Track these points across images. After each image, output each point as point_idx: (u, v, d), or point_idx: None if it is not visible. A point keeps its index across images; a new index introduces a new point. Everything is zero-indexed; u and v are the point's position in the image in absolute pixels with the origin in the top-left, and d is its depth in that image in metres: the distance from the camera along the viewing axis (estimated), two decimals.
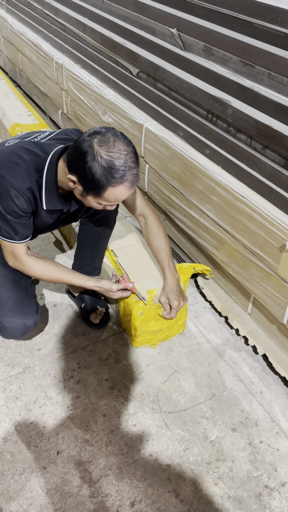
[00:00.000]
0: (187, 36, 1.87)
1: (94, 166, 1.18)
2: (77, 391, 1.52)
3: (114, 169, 1.19)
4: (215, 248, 1.72)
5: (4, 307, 1.47)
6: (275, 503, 1.27)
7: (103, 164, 1.18)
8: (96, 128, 1.24)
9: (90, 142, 1.19)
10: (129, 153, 1.21)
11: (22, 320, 1.48)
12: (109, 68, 2.34)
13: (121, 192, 1.24)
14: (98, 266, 1.78)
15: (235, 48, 1.64)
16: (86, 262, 1.74)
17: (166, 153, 1.85)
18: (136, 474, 1.31)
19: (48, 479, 1.28)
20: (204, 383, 1.59)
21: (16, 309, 1.47)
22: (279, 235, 1.37)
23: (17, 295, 1.48)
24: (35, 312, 1.52)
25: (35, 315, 1.52)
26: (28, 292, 1.53)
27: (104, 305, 1.80)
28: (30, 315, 1.50)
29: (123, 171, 1.20)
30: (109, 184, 1.20)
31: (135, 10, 2.22)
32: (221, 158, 1.65)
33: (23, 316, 1.48)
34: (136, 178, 1.25)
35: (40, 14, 3.20)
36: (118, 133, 1.23)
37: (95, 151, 1.18)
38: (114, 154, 1.18)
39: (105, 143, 1.19)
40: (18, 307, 1.48)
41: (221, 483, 1.30)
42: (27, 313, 1.49)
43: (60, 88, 2.78)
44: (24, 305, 1.49)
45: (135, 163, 1.23)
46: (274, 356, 1.62)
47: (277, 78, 1.49)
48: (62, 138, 1.45)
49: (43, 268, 1.45)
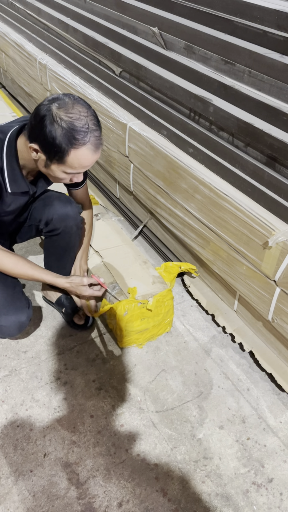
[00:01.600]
0: (169, 35, 1.87)
1: (54, 129, 1.15)
2: (64, 392, 1.52)
3: (75, 130, 1.16)
4: (201, 246, 1.73)
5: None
6: (262, 499, 1.28)
7: (63, 125, 1.15)
8: (55, 94, 1.22)
9: (49, 106, 1.17)
10: (89, 115, 1.19)
11: (16, 316, 1.45)
12: (92, 67, 2.34)
13: (85, 156, 1.21)
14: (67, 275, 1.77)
15: (216, 47, 1.64)
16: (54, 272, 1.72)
17: (150, 152, 1.85)
18: (124, 474, 1.31)
19: (35, 482, 1.27)
20: (191, 381, 1.59)
21: (7, 307, 1.45)
22: (262, 232, 1.38)
23: (6, 293, 1.46)
24: (27, 306, 1.50)
25: (27, 309, 1.50)
26: (16, 289, 1.51)
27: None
28: (23, 310, 1.47)
29: (85, 132, 1.17)
30: (72, 145, 1.17)
31: (117, 9, 2.21)
32: (204, 157, 1.65)
33: (16, 312, 1.45)
34: (99, 141, 1.22)
35: (23, 15, 3.18)
36: (76, 97, 1.21)
37: (54, 114, 1.15)
38: (73, 115, 1.16)
39: (64, 106, 1.16)
40: (9, 304, 1.45)
41: (209, 481, 1.31)
42: (19, 309, 1.46)
43: (44, 88, 2.76)
44: (14, 301, 1.47)
45: (97, 125, 1.20)
46: (260, 352, 1.63)
47: (257, 76, 1.50)
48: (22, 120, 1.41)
49: (13, 262, 1.42)
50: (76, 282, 1.55)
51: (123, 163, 2.10)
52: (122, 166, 2.13)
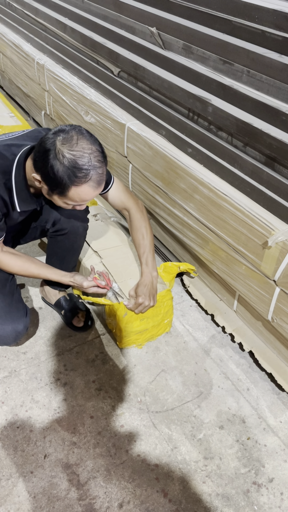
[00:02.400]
0: (167, 35, 1.87)
1: (56, 165, 1.16)
2: (64, 393, 1.52)
3: (76, 168, 1.16)
4: (200, 246, 1.73)
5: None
6: (263, 499, 1.28)
7: (65, 163, 1.16)
8: (62, 126, 1.22)
9: (53, 140, 1.17)
10: (93, 152, 1.18)
11: (12, 325, 1.46)
12: (90, 68, 2.33)
13: (86, 192, 1.22)
14: None
15: (214, 46, 1.64)
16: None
17: (148, 153, 1.84)
18: (124, 475, 1.31)
19: (35, 483, 1.27)
20: (191, 381, 1.59)
21: (5, 316, 1.45)
22: (261, 232, 1.38)
23: (4, 302, 1.47)
24: (24, 315, 1.51)
25: (25, 318, 1.50)
26: (15, 296, 1.52)
27: (84, 307, 1.79)
28: (20, 319, 1.48)
29: (87, 170, 1.17)
30: (72, 183, 1.18)
31: (115, 9, 2.21)
32: (203, 157, 1.65)
33: (13, 321, 1.46)
34: (102, 177, 1.22)
35: (20, 15, 3.17)
36: (83, 131, 1.21)
37: (57, 149, 1.16)
38: (76, 152, 1.16)
39: (68, 141, 1.17)
40: (6, 314, 1.46)
41: (209, 481, 1.31)
42: (16, 318, 1.47)
43: (42, 88, 2.76)
44: (11, 310, 1.47)
45: (101, 162, 1.21)
46: (260, 352, 1.63)
47: (255, 76, 1.50)
48: (34, 135, 1.42)
49: (19, 265, 1.45)
50: (78, 283, 1.55)
51: (122, 163, 2.10)
52: (120, 167, 2.13)
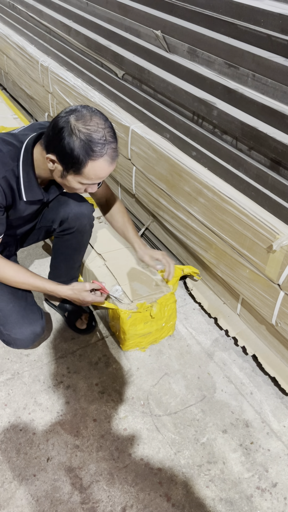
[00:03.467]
0: (172, 38, 1.87)
1: (72, 141, 1.16)
2: (67, 396, 1.51)
3: (93, 142, 1.16)
4: (203, 249, 1.72)
5: (9, 320, 1.45)
6: (267, 504, 1.27)
7: (81, 137, 1.15)
8: (71, 106, 1.22)
9: (67, 118, 1.17)
10: (106, 128, 1.19)
11: (30, 328, 1.47)
12: (94, 70, 2.34)
13: (102, 167, 1.21)
14: (75, 276, 1.77)
15: (219, 50, 1.64)
16: (62, 273, 1.72)
17: (152, 155, 1.84)
18: (128, 479, 1.30)
19: (38, 486, 1.27)
20: (194, 385, 1.58)
21: (22, 320, 1.46)
22: (266, 236, 1.38)
23: (19, 306, 1.47)
24: (41, 317, 1.51)
25: (41, 320, 1.51)
26: (28, 300, 1.52)
27: (87, 309, 1.79)
28: (37, 322, 1.49)
29: (102, 144, 1.17)
30: (89, 157, 1.18)
31: (120, 12, 2.21)
32: (207, 160, 1.65)
33: (30, 324, 1.47)
34: (116, 153, 1.22)
35: (25, 17, 3.18)
36: (94, 109, 1.21)
37: (72, 126, 1.16)
38: (91, 127, 1.16)
39: (82, 118, 1.17)
40: (23, 317, 1.46)
41: (213, 486, 1.30)
42: (33, 321, 1.48)
43: (46, 90, 2.76)
44: (27, 313, 1.48)
45: (114, 137, 1.21)
46: (263, 356, 1.63)
47: (261, 80, 1.50)
48: (36, 127, 1.41)
49: (14, 271, 1.38)
50: (79, 288, 1.49)
51: (125, 166, 2.10)
52: (124, 169, 2.13)
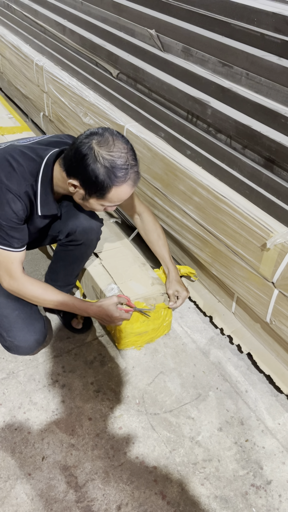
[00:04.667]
0: (166, 37, 1.87)
1: (97, 168, 1.17)
2: (62, 395, 1.51)
3: (117, 169, 1.18)
4: (198, 248, 1.73)
5: (14, 327, 1.46)
6: (261, 501, 1.28)
7: (106, 164, 1.17)
8: (91, 129, 1.23)
9: (89, 143, 1.18)
10: (129, 151, 1.21)
11: (34, 336, 1.49)
12: (89, 69, 2.34)
13: (125, 191, 1.24)
14: (72, 283, 1.76)
15: (213, 49, 1.64)
16: (60, 277, 1.71)
17: (147, 154, 1.85)
18: (123, 477, 1.30)
19: (33, 485, 1.27)
20: (189, 383, 1.59)
21: (26, 327, 1.47)
22: (260, 234, 1.38)
23: (24, 313, 1.48)
24: (44, 326, 1.53)
25: (44, 329, 1.52)
26: (33, 308, 1.52)
27: None
28: (41, 330, 1.50)
29: (126, 170, 1.20)
30: (113, 184, 1.20)
31: (114, 11, 2.21)
32: (202, 159, 1.65)
33: (34, 332, 1.49)
34: (138, 175, 1.25)
35: (19, 16, 3.18)
36: (115, 132, 1.23)
37: (96, 153, 1.17)
38: (115, 153, 1.18)
39: (105, 143, 1.18)
40: (28, 325, 1.48)
41: (208, 483, 1.31)
42: (38, 329, 1.49)
43: (41, 90, 2.76)
44: (32, 321, 1.49)
45: (135, 160, 1.23)
46: (258, 354, 1.63)
47: (255, 79, 1.50)
48: (53, 141, 1.42)
49: (42, 289, 1.40)
50: (106, 302, 1.47)
51: None
52: None
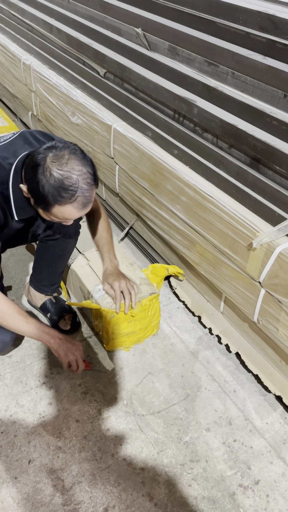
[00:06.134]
0: (152, 36, 1.86)
1: (42, 181, 1.14)
2: (49, 397, 1.50)
3: (62, 188, 1.13)
4: (186, 248, 1.72)
5: None
6: (249, 501, 1.27)
7: (51, 181, 1.13)
8: (56, 142, 1.19)
9: (44, 155, 1.15)
10: (83, 174, 1.15)
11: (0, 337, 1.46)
12: (76, 68, 2.32)
13: (70, 212, 1.19)
14: (56, 282, 1.76)
15: (199, 48, 1.64)
16: (43, 277, 1.71)
17: (135, 154, 1.84)
18: (110, 479, 1.30)
19: (19, 489, 1.26)
20: (178, 384, 1.58)
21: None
22: (246, 234, 1.38)
23: None
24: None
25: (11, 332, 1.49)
26: None
27: (70, 310, 1.78)
28: (7, 331, 1.47)
29: (72, 192, 1.14)
30: (56, 202, 1.15)
31: (101, 10, 2.20)
32: (189, 158, 1.65)
33: (1, 333, 1.46)
34: (89, 199, 1.18)
35: (7, 15, 3.15)
36: (76, 151, 1.17)
37: (46, 166, 1.13)
38: (65, 172, 1.13)
39: (58, 160, 1.14)
40: None
41: (195, 484, 1.30)
42: (3, 330, 1.45)
43: (29, 89, 2.74)
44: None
45: (90, 184, 1.17)
46: (246, 354, 1.63)
47: (240, 78, 1.50)
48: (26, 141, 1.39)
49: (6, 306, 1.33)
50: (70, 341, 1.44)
51: (109, 164, 2.09)
52: (107, 168, 2.12)
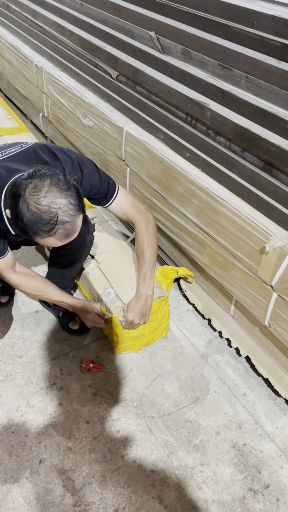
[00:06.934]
0: (166, 39, 1.87)
1: (21, 213, 1.10)
2: (59, 398, 1.51)
3: (40, 223, 1.10)
4: (197, 251, 1.72)
5: None
6: (259, 505, 1.27)
7: (28, 216, 1.09)
8: (40, 168, 1.14)
9: (25, 186, 1.11)
10: (63, 206, 1.10)
11: None
12: (88, 71, 2.33)
13: (52, 242, 1.16)
14: (68, 286, 1.78)
15: (213, 51, 1.64)
16: (56, 280, 1.71)
17: (146, 156, 1.84)
18: (120, 481, 1.30)
19: (30, 489, 1.26)
20: (187, 386, 1.58)
21: None
22: (258, 237, 1.38)
23: None
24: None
25: None
26: None
27: None
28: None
29: (51, 226, 1.10)
30: (35, 235, 1.13)
31: (114, 13, 2.21)
32: (201, 161, 1.65)
33: None
34: (70, 231, 1.14)
35: (19, 17, 3.17)
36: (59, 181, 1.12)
37: (25, 198, 1.10)
38: (42, 207, 1.09)
39: (37, 192, 1.09)
40: None
41: (205, 487, 1.30)
42: None
43: (40, 91, 2.75)
44: None
45: (71, 216, 1.12)
46: (257, 358, 1.63)
47: (254, 81, 1.50)
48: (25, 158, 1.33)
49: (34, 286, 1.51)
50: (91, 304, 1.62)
51: (119, 166, 2.10)
52: (118, 170, 2.13)
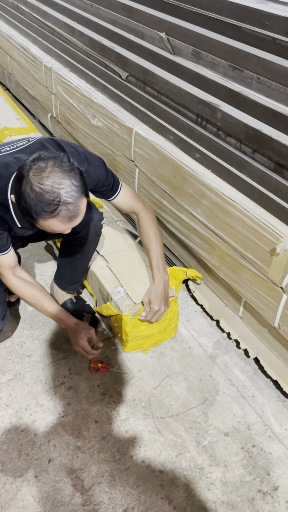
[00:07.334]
0: (176, 40, 1.87)
1: (27, 195, 1.10)
2: (68, 397, 1.51)
3: (43, 203, 1.09)
4: (206, 252, 1.72)
5: None
6: (268, 507, 1.27)
7: (32, 196, 1.09)
8: (44, 152, 1.15)
9: (29, 168, 1.11)
10: (66, 187, 1.10)
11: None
12: (98, 71, 2.34)
13: (55, 225, 1.15)
14: (78, 280, 1.78)
15: (224, 53, 1.64)
16: (66, 275, 1.73)
17: (156, 157, 1.84)
18: (129, 481, 1.30)
19: (39, 487, 1.27)
20: (196, 387, 1.58)
21: None
22: (269, 238, 1.38)
23: None
24: (1, 318, 1.53)
25: (1, 321, 1.53)
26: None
27: (90, 310, 1.80)
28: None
29: (54, 206, 1.10)
30: (38, 216, 1.12)
31: (124, 14, 2.21)
32: (211, 162, 1.65)
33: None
34: (74, 212, 1.14)
35: (29, 18, 3.19)
36: (63, 163, 1.12)
37: (29, 179, 1.10)
38: (45, 186, 1.09)
39: (40, 173, 1.10)
40: None
41: (214, 489, 1.30)
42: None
43: (49, 91, 2.76)
44: None
45: (75, 197, 1.12)
46: (265, 359, 1.62)
47: (265, 83, 1.50)
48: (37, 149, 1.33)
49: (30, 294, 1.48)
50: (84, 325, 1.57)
51: (128, 167, 2.10)
52: (127, 170, 2.13)
